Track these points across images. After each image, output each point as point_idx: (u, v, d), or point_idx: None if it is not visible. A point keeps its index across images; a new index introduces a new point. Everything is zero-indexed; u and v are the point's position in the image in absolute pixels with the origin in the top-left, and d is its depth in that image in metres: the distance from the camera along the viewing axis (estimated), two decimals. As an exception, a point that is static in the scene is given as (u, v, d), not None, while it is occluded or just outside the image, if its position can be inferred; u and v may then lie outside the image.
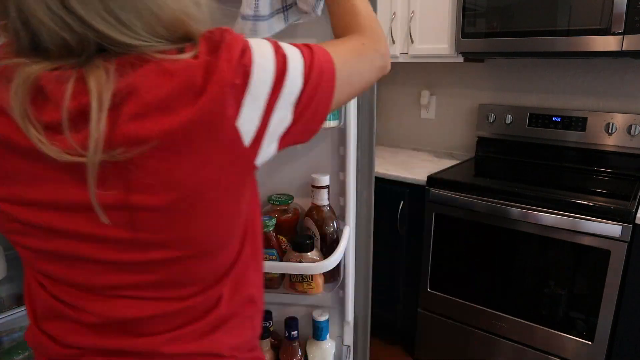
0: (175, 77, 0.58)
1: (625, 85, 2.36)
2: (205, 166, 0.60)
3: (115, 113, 0.56)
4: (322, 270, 1.18)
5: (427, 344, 2.50)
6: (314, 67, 0.69)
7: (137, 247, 0.63)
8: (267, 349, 1.36)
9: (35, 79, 0.56)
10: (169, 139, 0.57)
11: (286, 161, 1.40)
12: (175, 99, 0.57)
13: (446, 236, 2.29)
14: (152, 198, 0.60)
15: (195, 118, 0.57)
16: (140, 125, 0.56)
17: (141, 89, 0.57)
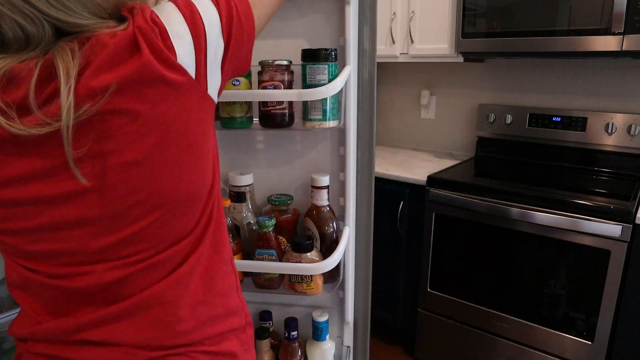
0: (115, 40, 0.64)
1: (625, 85, 2.36)
2: (165, 106, 0.66)
3: (79, 83, 0.62)
4: (321, 270, 1.18)
5: (427, 344, 2.50)
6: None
7: (116, 203, 0.67)
8: (267, 350, 1.37)
9: (6, 72, 0.62)
10: (124, 84, 0.63)
11: (286, 161, 1.40)
12: (119, 55, 0.63)
13: (446, 236, 2.29)
14: (126, 155, 0.65)
15: (140, 64, 0.64)
16: (97, 79, 0.62)
17: (93, 59, 0.63)
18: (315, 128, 1.19)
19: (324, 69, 1.15)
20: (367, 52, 1.33)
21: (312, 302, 1.46)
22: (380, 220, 2.44)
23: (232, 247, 1.22)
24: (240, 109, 1.20)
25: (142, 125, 0.65)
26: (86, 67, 0.63)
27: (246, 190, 1.30)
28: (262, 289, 1.29)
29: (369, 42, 1.33)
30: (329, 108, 1.19)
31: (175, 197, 0.70)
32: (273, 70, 1.17)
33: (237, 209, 1.29)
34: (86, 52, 0.63)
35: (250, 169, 1.39)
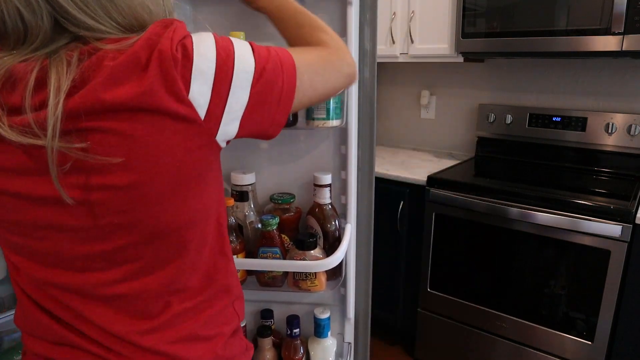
0: (121, 56, 0.62)
1: (625, 85, 2.36)
2: (161, 137, 0.63)
3: (71, 98, 0.60)
4: (326, 267, 1.18)
5: (427, 344, 2.50)
6: (270, 54, 0.74)
7: (100, 231, 0.66)
8: (269, 347, 1.37)
9: (7, 71, 0.61)
10: (120, 107, 0.61)
11: (288, 160, 1.40)
12: (121, 73, 0.61)
13: (446, 236, 2.30)
14: (112, 177, 0.63)
15: (143, 90, 0.61)
16: (93, 96, 0.60)
17: (92, 76, 0.61)
18: (319, 127, 1.20)
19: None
20: (367, 53, 1.34)
21: (313, 299, 1.47)
22: (380, 220, 2.44)
23: (235, 246, 1.23)
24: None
25: (132, 150, 0.62)
26: (83, 82, 0.61)
27: (248, 189, 1.30)
28: (266, 287, 1.30)
29: (369, 42, 1.33)
30: (332, 107, 1.19)
31: (156, 227, 0.68)
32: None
33: (239, 208, 1.30)
34: (85, 68, 0.61)
35: (252, 168, 1.40)
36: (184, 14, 1.32)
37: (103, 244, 0.67)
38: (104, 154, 0.62)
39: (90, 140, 0.61)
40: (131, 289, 0.71)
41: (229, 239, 1.22)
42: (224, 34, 1.26)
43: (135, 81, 0.61)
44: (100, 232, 0.66)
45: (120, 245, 0.68)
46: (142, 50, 0.62)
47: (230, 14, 1.33)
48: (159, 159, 0.64)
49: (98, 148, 0.61)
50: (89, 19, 0.64)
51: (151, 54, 0.62)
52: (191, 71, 0.64)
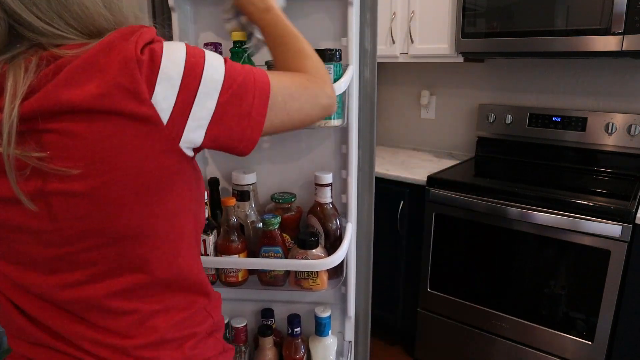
0: (77, 59, 0.62)
1: (625, 85, 2.37)
2: (120, 140, 0.63)
3: (26, 101, 0.60)
4: (328, 266, 1.19)
5: (427, 344, 2.50)
6: (244, 69, 0.74)
7: (62, 234, 0.66)
8: (270, 346, 1.37)
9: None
10: (77, 108, 0.60)
11: (289, 160, 1.41)
12: (78, 75, 0.61)
13: (446, 236, 2.30)
14: (71, 184, 0.62)
15: (101, 91, 0.61)
16: (49, 97, 0.60)
17: (49, 80, 0.61)
18: (320, 127, 1.20)
19: (329, 69, 1.16)
20: (368, 53, 1.35)
21: (313, 298, 1.47)
22: (381, 220, 2.44)
23: (237, 245, 1.23)
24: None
25: (90, 153, 0.62)
26: (40, 87, 0.61)
27: (249, 189, 1.30)
28: (268, 286, 1.30)
29: (370, 42, 1.34)
30: (333, 107, 1.20)
31: (119, 231, 0.67)
32: (278, 69, 1.17)
33: (240, 207, 1.30)
34: (43, 74, 0.61)
35: (253, 167, 1.40)
36: (184, 14, 1.32)
37: (67, 247, 0.67)
38: (61, 158, 0.61)
39: (46, 142, 0.61)
40: (97, 291, 0.70)
41: (231, 238, 1.23)
42: (224, 34, 1.26)
43: (94, 82, 0.61)
44: (63, 235, 0.66)
45: (84, 247, 0.67)
46: (100, 53, 0.62)
47: (231, 14, 1.34)
48: (118, 163, 0.63)
49: (55, 152, 0.61)
50: (44, 24, 0.64)
51: (110, 55, 0.62)
52: (157, 74, 0.64)
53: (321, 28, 1.30)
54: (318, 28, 1.30)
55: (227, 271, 1.28)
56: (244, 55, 1.18)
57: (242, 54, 1.18)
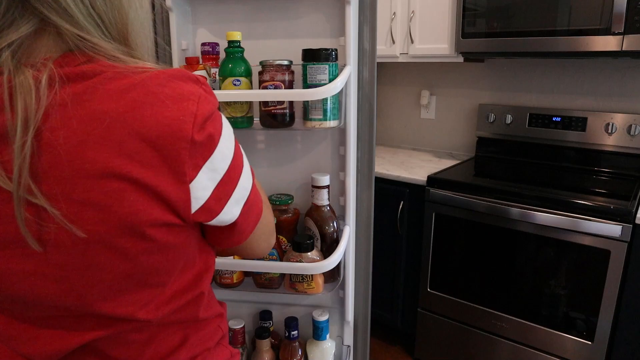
0: (111, 100, 0.55)
1: (625, 85, 2.36)
2: (137, 212, 0.57)
3: (42, 134, 0.53)
4: (322, 270, 1.18)
5: (427, 344, 2.50)
6: (254, 185, 0.75)
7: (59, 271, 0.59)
8: (267, 349, 1.37)
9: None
10: (101, 172, 0.54)
11: (286, 161, 1.40)
12: (112, 129, 0.54)
13: (446, 236, 2.29)
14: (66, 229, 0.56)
15: (137, 158, 0.55)
16: (72, 153, 0.53)
17: (76, 116, 0.54)
18: (315, 128, 1.20)
19: (324, 69, 1.16)
20: (367, 52, 1.34)
21: (312, 301, 1.46)
22: (380, 220, 2.44)
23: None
24: (241, 109, 1.20)
25: (101, 219, 0.55)
26: (57, 117, 0.53)
27: (247, 190, 1.30)
28: (263, 288, 1.30)
29: (369, 42, 1.33)
30: (329, 108, 1.19)
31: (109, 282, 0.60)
32: (274, 70, 1.17)
33: (237, 208, 1.29)
34: (62, 100, 0.54)
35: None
36: (183, 14, 1.32)
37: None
38: (71, 219, 0.54)
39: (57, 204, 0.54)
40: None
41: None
42: (222, 34, 1.26)
43: (130, 144, 0.55)
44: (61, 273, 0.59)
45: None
46: (147, 105, 0.56)
47: (229, 14, 1.33)
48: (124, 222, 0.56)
49: (67, 211, 0.54)
50: (70, 22, 0.56)
51: (159, 115, 0.56)
52: (206, 162, 0.60)
53: (318, 27, 1.29)
54: (315, 27, 1.29)
55: (222, 272, 1.27)
56: (238, 55, 1.18)
57: (237, 53, 1.17)
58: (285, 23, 1.31)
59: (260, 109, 1.22)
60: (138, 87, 0.56)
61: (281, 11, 1.30)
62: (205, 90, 0.62)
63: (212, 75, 1.23)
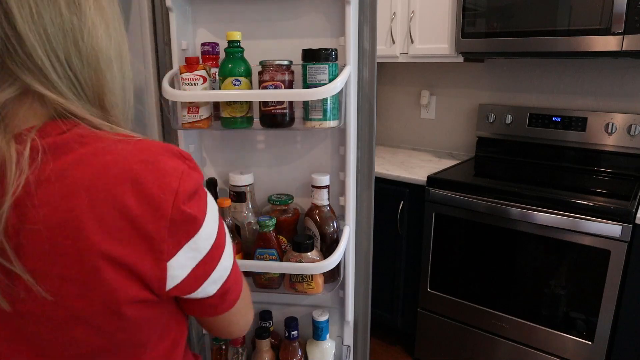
0: (98, 178, 0.55)
1: (625, 85, 2.36)
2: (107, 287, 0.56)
3: (26, 208, 0.53)
4: (322, 270, 1.18)
5: (427, 344, 2.50)
6: (235, 263, 0.73)
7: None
8: (267, 349, 1.36)
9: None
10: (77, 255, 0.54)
11: (286, 161, 1.40)
12: (93, 206, 0.54)
13: (446, 236, 2.29)
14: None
15: (116, 235, 0.55)
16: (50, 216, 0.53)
17: (55, 190, 0.54)
18: (315, 128, 1.19)
19: (324, 69, 1.15)
20: (367, 52, 1.33)
21: (312, 301, 1.46)
22: (380, 220, 2.44)
23: (232, 246, 1.23)
24: (241, 109, 1.20)
25: (70, 291, 0.55)
26: (38, 193, 0.53)
27: (246, 190, 1.30)
28: (263, 288, 1.29)
29: (369, 42, 1.33)
30: (329, 108, 1.19)
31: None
32: (274, 70, 1.17)
33: (237, 208, 1.29)
34: (45, 175, 0.53)
35: (250, 168, 1.40)
36: (183, 14, 1.32)
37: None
38: (41, 279, 0.54)
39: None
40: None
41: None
42: (222, 34, 1.26)
43: (109, 221, 0.54)
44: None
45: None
46: (126, 182, 0.55)
47: (229, 14, 1.33)
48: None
49: (36, 272, 0.54)
50: (46, 57, 0.56)
51: (139, 189, 0.55)
52: (187, 242, 0.60)
53: (318, 27, 1.29)
54: (315, 27, 1.29)
55: (222, 273, 1.27)
56: (238, 55, 1.18)
57: (237, 53, 1.17)
58: (285, 23, 1.31)
59: (260, 109, 1.21)
60: (120, 163, 0.56)
61: (281, 11, 1.30)
62: (190, 167, 0.61)
63: (212, 75, 1.23)
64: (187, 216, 0.59)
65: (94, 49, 0.60)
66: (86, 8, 0.59)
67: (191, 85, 1.18)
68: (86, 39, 0.59)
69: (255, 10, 1.32)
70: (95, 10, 0.60)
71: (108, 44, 0.62)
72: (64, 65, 0.57)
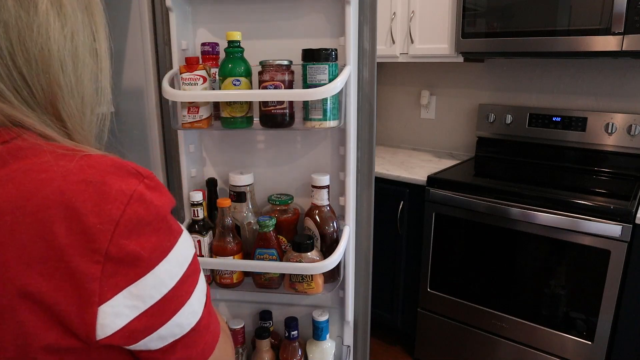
0: (24, 191, 0.47)
1: (625, 85, 2.36)
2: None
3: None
4: (321, 270, 1.18)
5: (427, 344, 2.50)
6: (209, 319, 0.61)
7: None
8: (267, 349, 1.36)
9: None
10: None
11: (286, 161, 1.40)
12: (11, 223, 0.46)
13: (446, 236, 2.29)
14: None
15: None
16: None
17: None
18: (315, 128, 1.19)
19: (324, 69, 1.16)
20: (367, 52, 1.33)
21: (312, 301, 1.46)
22: (380, 220, 2.44)
23: (232, 247, 1.23)
24: (241, 109, 1.20)
25: None
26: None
27: (246, 190, 1.30)
28: (263, 288, 1.29)
29: (369, 42, 1.33)
30: (329, 108, 1.19)
31: None
32: (274, 70, 1.17)
33: (237, 208, 1.29)
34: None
35: (250, 168, 1.39)
36: (183, 14, 1.32)
37: None
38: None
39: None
40: None
41: (226, 240, 1.22)
42: (222, 34, 1.26)
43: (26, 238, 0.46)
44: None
45: None
46: (62, 216, 0.46)
47: (229, 14, 1.33)
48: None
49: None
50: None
51: (76, 228, 0.47)
52: (130, 284, 0.49)
53: (318, 27, 1.29)
54: (315, 27, 1.29)
55: (221, 272, 1.27)
56: (238, 55, 1.18)
57: (237, 53, 1.17)
58: (285, 23, 1.31)
59: (260, 109, 1.21)
60: (56, 182, 0.48)
61: (281, 11, 1.30)
62: (148, 187, 0.51)
63: (212, 75, 1.23)
64: (128, 254, 0.49)
65: (43, 49, 0.53)
66: (40, 4, 0.52)
67: (191, 85, 1.18)
68: (35, 37, 0.52)
69: (255, 10, 1.32)
70: (51, 8, 0.53)
71: (62, 46, 0.54)
72: (8, 64, 0.51)
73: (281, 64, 1.17)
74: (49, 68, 0.53)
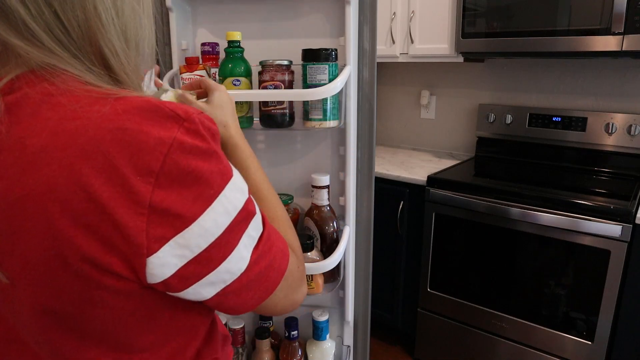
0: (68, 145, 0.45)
1: (625, 85, 2.36)
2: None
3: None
4: (322, 270, 1.18)
5: (427, 344, 2.50)
6: (271, 252, 0.60)
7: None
8: (267, 349, 1.36)
9: None
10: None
11: (286, 161, 1.40)
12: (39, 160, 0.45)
13: (446, 236, 2.29)
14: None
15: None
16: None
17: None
18: (315, 128, 1.19)
19: (324, 69, 1.16)
20: (367, 52, 1.33)
21: (312, 301, 1.46)
22: (380, 220, 2.44)
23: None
24: (241, 109, 1.20)
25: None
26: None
27: (246, 190, 1.29)
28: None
29: (369, 42, 1.33)
30: (329, 108, 1.19)
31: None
32: (274, 70, 1.17)
33: (237, 208, 1.29)
34: (4, 137, 0.46)
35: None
36: (183, 14, 1.32)
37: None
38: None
39: None
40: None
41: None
42: (222, 34, 1.26)
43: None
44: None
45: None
46: (100, 168, 0.45)
47: (229, 14, 1.33)
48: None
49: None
50: (15, 36, 0.47)
51: (115, 180, 0.45)
52: (176, 234, 0.48)
53: (318, 27, 1.29)
54: (315, 27, 1.29)
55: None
56: (238, 55, 1.18)
57: (237, 53, 1.17)
58: (285, 23, 1.31)
59: (260, 109, 1.22)
60: (90, 132, 0.45)
61: (281, 11, 1.30)
62: (188, 130, 0.48)
63: (212, 75, 1.23)
64: (172, 205, 0.47)
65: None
66: None
67: (191, 85, 1.18)
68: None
69: (255, 10, 1.32)
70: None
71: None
72: (46, 15, 0.47)
73: (281, 64, 1.17)
74: (85, 2, 0.49)
